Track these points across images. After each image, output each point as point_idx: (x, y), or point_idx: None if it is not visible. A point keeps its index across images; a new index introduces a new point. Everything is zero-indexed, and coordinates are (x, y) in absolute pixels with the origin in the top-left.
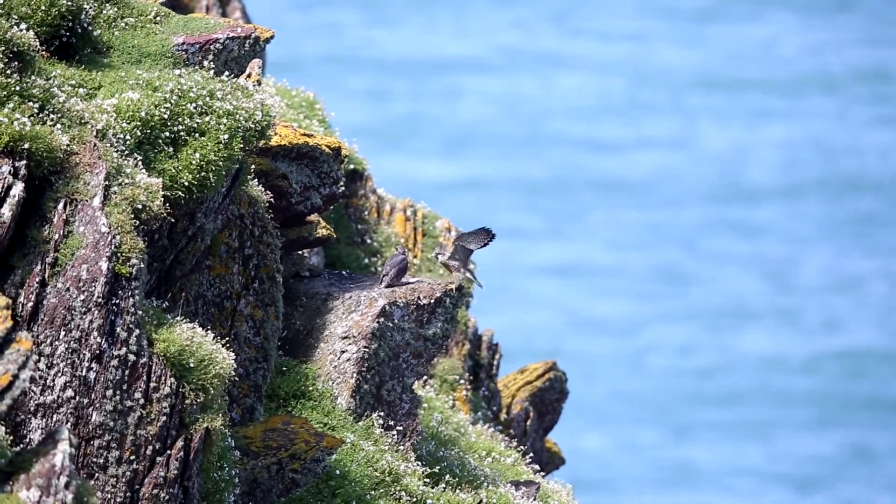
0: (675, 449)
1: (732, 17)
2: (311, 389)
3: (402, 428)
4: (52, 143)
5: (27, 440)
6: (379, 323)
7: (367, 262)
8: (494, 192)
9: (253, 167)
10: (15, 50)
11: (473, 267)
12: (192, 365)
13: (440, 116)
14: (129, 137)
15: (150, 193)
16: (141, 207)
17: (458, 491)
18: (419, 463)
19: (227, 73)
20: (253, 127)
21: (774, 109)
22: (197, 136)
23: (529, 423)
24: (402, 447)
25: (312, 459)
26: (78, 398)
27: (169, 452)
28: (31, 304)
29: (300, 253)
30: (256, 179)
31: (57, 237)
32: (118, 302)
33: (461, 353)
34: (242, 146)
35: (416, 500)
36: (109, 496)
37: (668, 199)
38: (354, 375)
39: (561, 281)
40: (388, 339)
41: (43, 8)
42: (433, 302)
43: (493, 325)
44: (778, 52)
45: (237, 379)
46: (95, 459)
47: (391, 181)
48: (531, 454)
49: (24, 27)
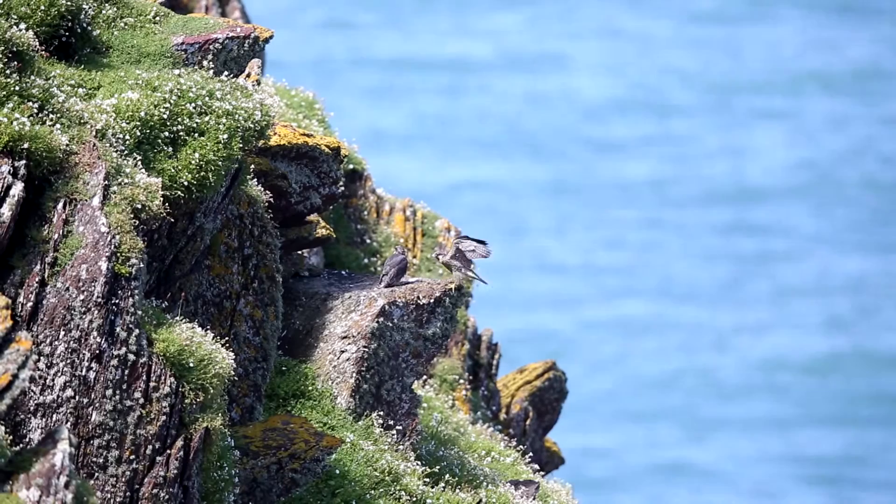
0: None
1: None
2: (310, 389)
3: (401, 427)
4: (51, 142)
5: (27, 440)
6: (378, 323)
7: (366, 261)
8: (509, 192)
9: (252, 167)
10: (14, 50)
11: (474, 266)
12: (191, 365)
13: (458, 117)
14: (128, 137)
15: (149, 193)
16: (140, 207)
17: (457, 490)
18: (419, 462)
19: (226, 72)
20: (252, 127)
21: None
22: (196, 135)
23: (529, 422)
24: (401, 447)
25: (312, 459)
26: (78, 398)
27: (169, 452)
28: (30, 303)
29: (300, 253)
30: (256, 179)
31: (56, 237)
32: (118, 302)
33: (461, 352)
34: (242, 146)
35: (415, 499)
36: (109, 496)
37: (670, 199)
38: (354, 375)
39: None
40: (387, 338)
41: (42, 8)
42: (433, 302)
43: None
44: (782, 51)
45: (237, 378)
46: (95, 459)
47: (407, 182)
48: (530, 454)
49: (23, 27)
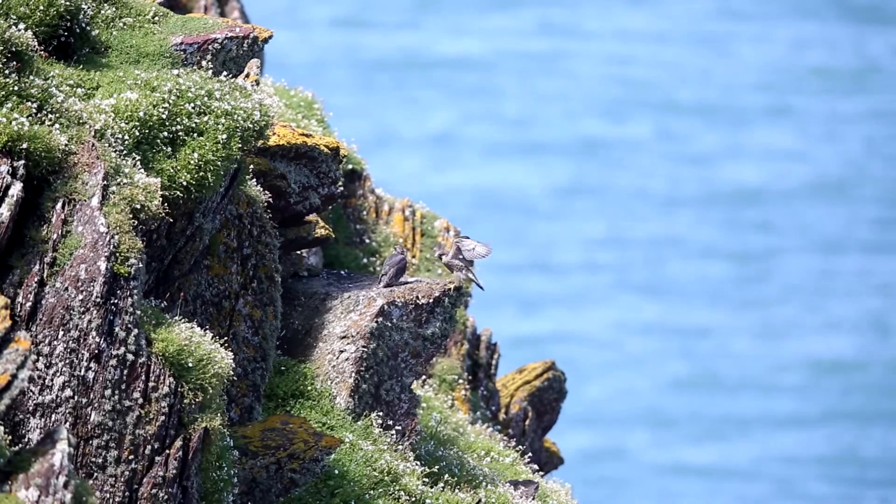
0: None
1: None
2: (309, 389)
3: (400, 427)
4: (50, 142)
5: (26, 440)
6: (377, 322)
7: (365, 261)
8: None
9: (251, 167)
10: (13, 50)
11: (474, 267)
12: (190, 364)
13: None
14: (127, 137)
15: (148, 193)
16: (139, 207)
17: (456, 490)
18: (418, 462)
19: (225, 73)
20: (251, 127)
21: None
22: (195, 135)
23: (528, 422)
24: (400, 447)
25: (311, 459)
26: (76, 398)
27: (167, 452)
28: (29, 303)
29: (298, 253)
30: (255, 179)
31: (55, 237)
32: (117, 302)
33: (460, 352)
34: (241, 146)
35: (414, 499)
36: (108, 496)
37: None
38: (353, 375)
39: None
40: (386, 338)
41: (41, 8)
42: (432, 302)
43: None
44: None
45: (235, 378)
46: (94, 459)
47: (407, 184)
48: (530, 454)
49: (22, 27)
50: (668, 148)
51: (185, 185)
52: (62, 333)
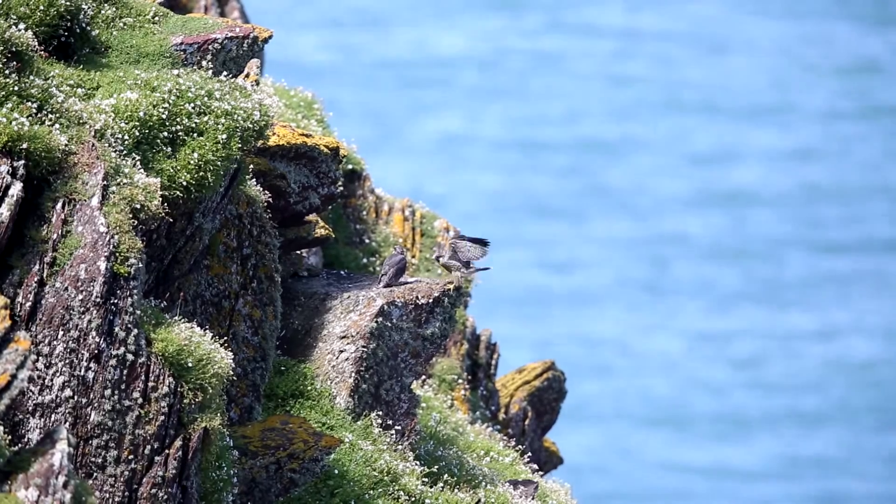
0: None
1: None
2: (309, 389)
3: (400, 427)
4: (50, 142)
5: (25, 440)
6: (377, 322)
7: (365, 261)
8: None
9: (251, 167)
10: (13, 50)
11: (473, 267)
12: (190, 364)
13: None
14: (127, 137)
15: (148, 193)
16: (139, 207)
17: (456, 490)
18: (417, 462)
19: (225, 73)
20: (251, 127)
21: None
22: (195, 135)
23: (528, 422)
24: (400, 447)
25: (311, 459)
26: (76, 398)
27: (167, 452)
28: (29, 303)
29: (298, 253)
30: (255, 179)
31: (55, 237)
32: (116, 301)
33: (459, 352)
34: (241, 146)
35: (414, 499)
36: (108, 496)
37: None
38: (353, 375)
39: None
40: (386, 338)
41: (41, 8)
42: (431, 302)
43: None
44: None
45: (235, 378)
46: (94, 459)
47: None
48: (529, 453)
49: (22, 27)
50: (671, 147)
51: (184, 185)
52: (62, 333)
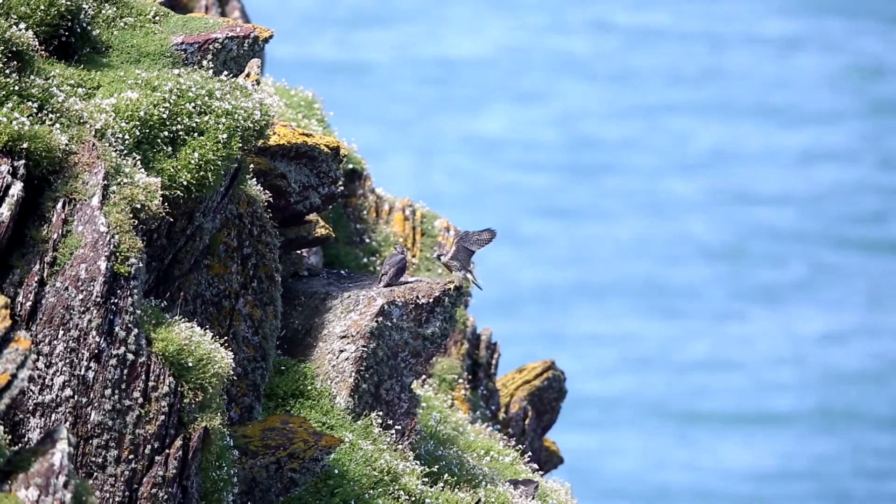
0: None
1: None
2: (309, 389)
3: (400, 427)
4: (50, 142)
5: (26, 439)
6: (377, 322)
7: (365, 261)
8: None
9: (252, 166)
10: (14, 49)
11: (473, 267)
12: (190, 364)
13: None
14: (127, 137)
15: (148, 193)
16: (139, 207)
17: (456, 490)
18: (418, 462)
19: (225, 72)
20: (252, 126)
21: None
22: (196, 135)
23: (528, 422)
24: (400, 446)
25: (311, 459)
26: (76, 397)
27: (167, 452)
28: (29, 303)
29: (299, 252)
30: (255, 179)
31: (56, 236)
32: (117, 301)
33: (460, 352)
34: (241, 146)
35: (414, 499)
36: (108, 495)
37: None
38: (353, 375)
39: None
40: (386, 338)
41: (42, 7)
42: (432, 301)
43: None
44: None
45: (235, 378)
46: (94, 459)
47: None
48: (529, 453)
49: (23, 27)
50: (667, 148)
51: (185, 184)
52: (62, 333)
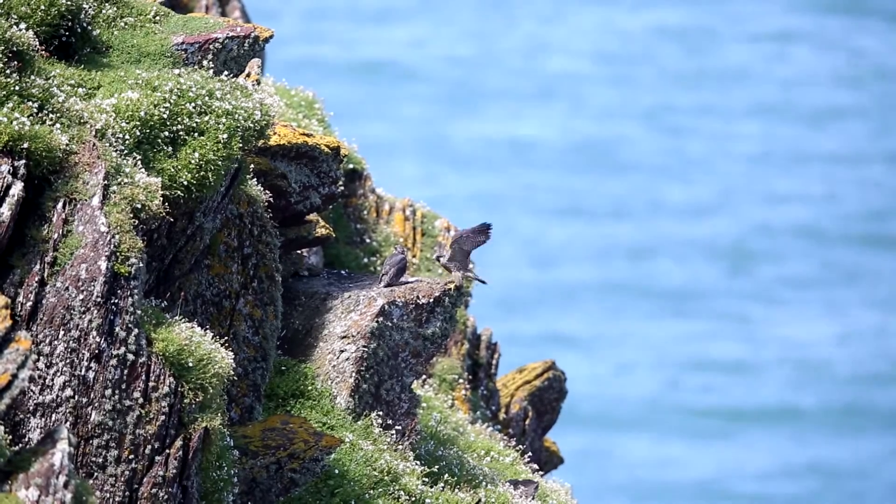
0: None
1: None
2: (309, 389)
3: (400, 427)
4: (51, 142)
5: (26, 439)
6: (378, 322)
7: (366, 261)
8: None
9: (252, 166)
10: (14, 49)
11: (473, 266)
12: (190, 364)
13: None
14: (128, 137)
15: (149, 193)
16: (140, 207)
17: (456, 490)
18: (418, 462)
19: (226, 72)
20: (252, 126)
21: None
22: (196, 135)
23: (528, 422)
24: (400, 446)
25: (311, 459)
26: (77, 397)
27: (168, 452)
28: (30, 303)
29: (299, 252)
30: (255, 179)
31: (56, 236)
32: (117, 301)
33: (460, 352)
34: (241, 146)
35: (414, 499)
36: (108, 495)
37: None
38: (353, 375)
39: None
40: (386, 338)
41: (42, 7)
42: (432, 301)
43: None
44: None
45: (236, 378)
46: (94, 459)
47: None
48: (530, 453)
49: (23, 27)
50: (663, 147)
51: (185, 184)
52: (63, 333)
